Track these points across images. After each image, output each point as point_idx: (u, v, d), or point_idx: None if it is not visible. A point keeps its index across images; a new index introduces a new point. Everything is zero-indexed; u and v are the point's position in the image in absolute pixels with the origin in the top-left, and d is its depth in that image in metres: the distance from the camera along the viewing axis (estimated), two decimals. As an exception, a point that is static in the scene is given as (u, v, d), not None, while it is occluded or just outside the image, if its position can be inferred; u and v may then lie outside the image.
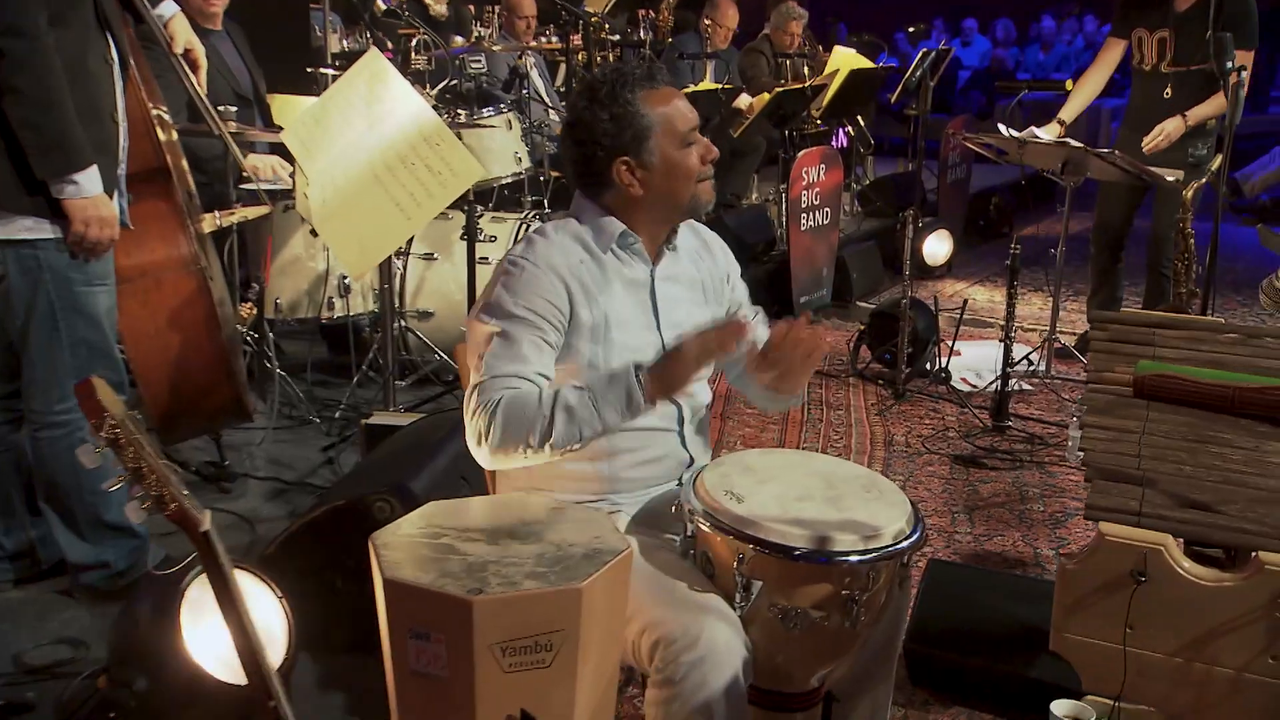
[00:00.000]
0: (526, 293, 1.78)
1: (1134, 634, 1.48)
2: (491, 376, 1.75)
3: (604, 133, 1.81)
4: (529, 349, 1.76)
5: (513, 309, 1.77)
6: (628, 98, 1.80)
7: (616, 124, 1.80)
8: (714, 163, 1.89)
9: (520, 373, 1.75)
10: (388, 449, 2.77)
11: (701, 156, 1.85)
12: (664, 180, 1.83)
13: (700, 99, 5.44)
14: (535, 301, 1.78)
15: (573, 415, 1.70)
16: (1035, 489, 3.54)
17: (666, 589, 1.70)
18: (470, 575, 1.47)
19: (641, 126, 1.80)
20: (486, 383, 1.75)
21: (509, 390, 1.73)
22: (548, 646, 1.46)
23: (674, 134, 1.82)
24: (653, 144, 1.81)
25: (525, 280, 1.79)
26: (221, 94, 3.57)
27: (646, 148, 1.81)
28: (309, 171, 2.87)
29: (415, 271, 4.17)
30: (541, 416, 1.70)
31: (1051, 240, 4.52)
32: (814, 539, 1.64)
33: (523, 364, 1.75)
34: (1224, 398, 1.75)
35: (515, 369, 1.75)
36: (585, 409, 1.70)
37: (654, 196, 1.85)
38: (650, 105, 1.81)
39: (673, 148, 1.82)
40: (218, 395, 2.63)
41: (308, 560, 2.29)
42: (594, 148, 1.82)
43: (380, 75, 2.88)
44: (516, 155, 4.50)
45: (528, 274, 1.80)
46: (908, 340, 4.38)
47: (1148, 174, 4.04)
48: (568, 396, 1.71)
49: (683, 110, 1.84)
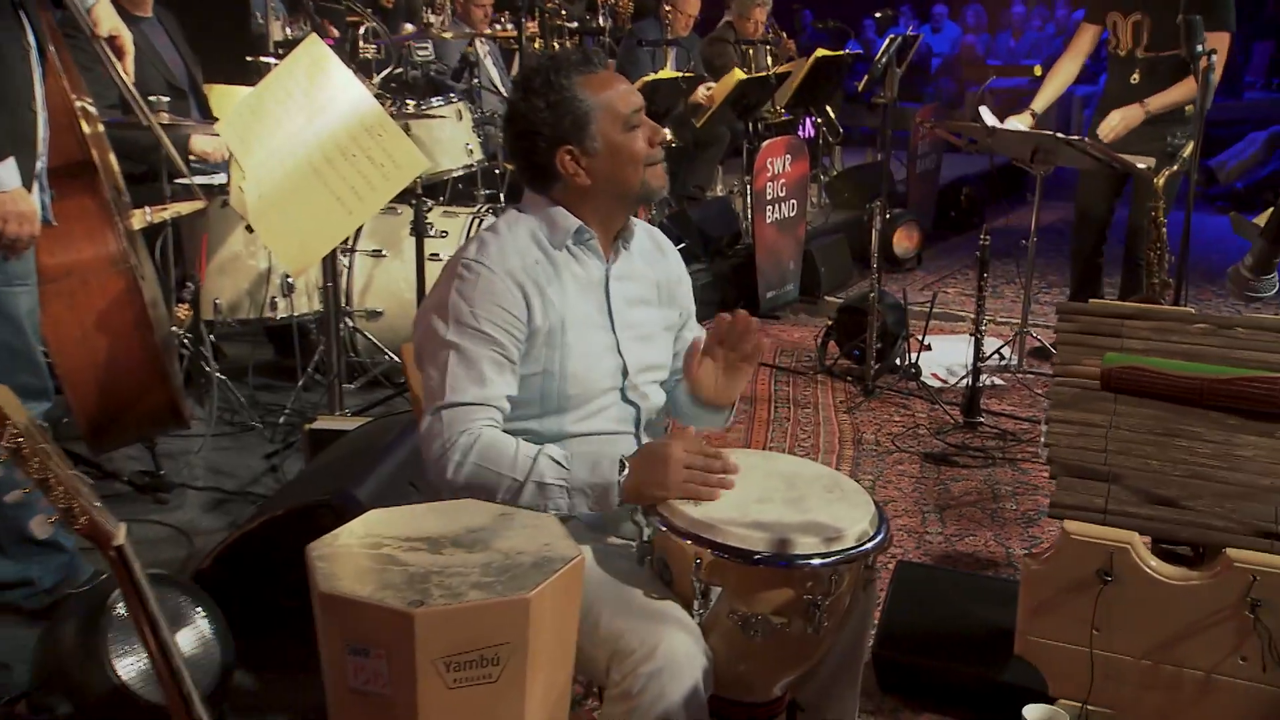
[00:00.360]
0: (484, 302, 1.77)
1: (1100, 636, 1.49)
2: (456, 403, 1.74)
3: (543, 122, 1.79)
4: (490, 369, 1.75)
5: (471, 321, 1.76)
6: (563, 84, 1.79)
7: (554, 112, 1.79)
8: (664, 145, 1.88)
9: (484, 398, 1.75)
10: (332, 455, 2.74)
11: (649, 139, 1.84)
12: (610, 166, 1.82)
13: (661, 88, 5.44)
14: (494, 312, 1.77)
15: (544, 491, 1.71)
16: (1008, 487, 3.57)
17: (622, 597, 1.69)
18: (412, 586, 1.44)
19: (580, 112, 1.79)
20: (455, 410, 1.74)
21: (485, 429, 1.73)
22: (494, 660, 1.44)
23: (616, 117, 1.81)
24: (594, 130, 1.80)
25: (482, 288, 1.78)
26: (153, 84, 3.52)
27: (588, 134, 1.80)
28: (245, 165, 2.83)
29: (363, 269, 4.13)
30: (513, 479, 1.71)
31: (1023, 231, 4.56)
32: (774, 542, 1.63)
33: (485, 386, 1.75)
34: (1193, 390, 1.77)
35: (478, 393, 1.74)
36: (558, 490, 1.72)
37: (602, 185, 1.84)
38: (588, 90, 1.80)
39: (616, 132, 1.81)
40: (150, 401, 2.59)
41: (246, 574, 2.25)
42: (534, 139, 1.81)
43: (320, 63, 2.84)
44: (468, 147, 4.47)
45: (484, 281, 1.78)
46: (877, 335, 4.40)
47: (1119, 162, 4.08)
48: (545, 471, 1.72)
49: (624, 93, 1.83)
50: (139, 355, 2.51)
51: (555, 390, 1.82)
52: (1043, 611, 1.51)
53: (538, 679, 1.49)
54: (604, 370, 1.85)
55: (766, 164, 5.54)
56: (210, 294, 3.81)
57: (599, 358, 1.86)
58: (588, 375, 1.83)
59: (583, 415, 1.86)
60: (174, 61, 3.84)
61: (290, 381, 3.96)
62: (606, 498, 1.71)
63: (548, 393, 1.82)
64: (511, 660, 1.44)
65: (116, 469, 3.28)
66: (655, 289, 1.99)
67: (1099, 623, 1.48)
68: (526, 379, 1.82)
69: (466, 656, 1.42)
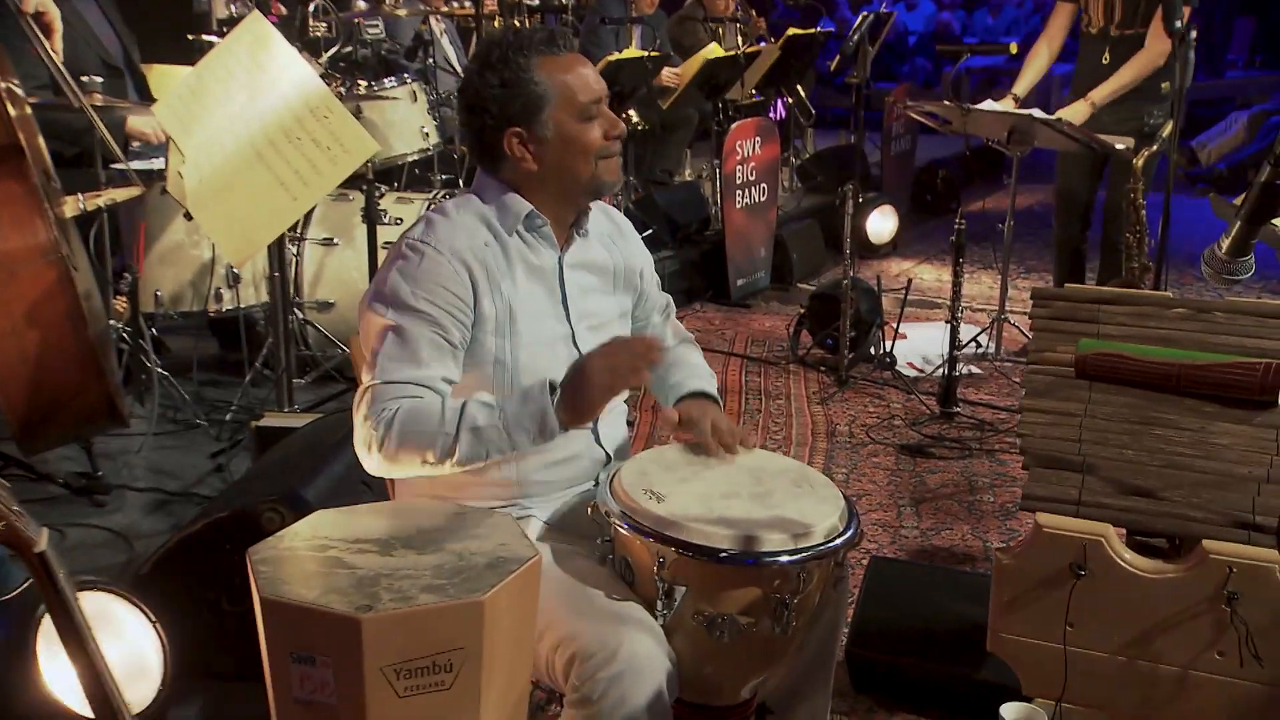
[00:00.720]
0: (426, 282, 1.74)
1: (1074, 632, 1.50)
2: (386, 381, 1.71)
3: (493, 99, 1.78)
4: (428, 349, 1.73)
5: (410, 301, 1.73)
6: (521, 63, 1.77)
7: (507, 91, 1.77)
8: (624, 136, 1.87)
9: (419, 378, 1.71)
10: (280, 453, 2.72)
11: (605, 132, 1.82)
12: (559, 155, 1.80)
13: (625, 68, 5.42)
14: (436, 292, 1.74)
15: (480, 436, 1.68)
16: (985, 479, 3.60)
17: (582, 599, 1.68)
18: (359, 590, 1.43)
19: (534, 95, 1.77)
20: (380, 388, 1.71)
21: (407, 400, 1.70)
22: (447, 667, 1.43)
23: (573, 105, 1.79)
24: (547, 116, 1.78)
25: (425, 268, 1.75)
26: (87, 63, 3.46)
27: (540, 119, 1.78)
28: (184, 149, 2.78)
29: (313, 258, 4.09)
30: (444, 434, 1.67)
31: (1001, 214, 4.58)
32: (740, 539, 1.64)
33: (420, 367, 1.72)
34: (1169, 376, 1.78)
35: (412, 373, 1.71)
36: (494, 430, 1.68)
37: (550, 173, 1.82)
38: (548, 73, 1.78)
39: (571, 120, 1.79)
40: (86, 399, 2.54)
41: (188, 579, 2.23)
42: (484, 116, 1.79)
43: (263, 41, 2.80)
44: (423, 130, 4.43)
45: (428, 260, 1.76)
46: (850, 324, 4.42)
47: (1097, 143, 4.11)
48: (475, 415, 1.68)
49: (586, 80, 1.81)
50: (72, 351, 2.46)
51: (509, 382, 1.80)
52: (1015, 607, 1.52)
53: (494, 686, 1.48)
54: (558, 361, 1.84)
55: (736, 147, 5.54)
56: (150, 285, 3.76)
57: (552, 348, 1.84)
58: (541, 365, 1.81)
59: None
60: (109, 39, 3.78)
61: (237, 377, 3.92)
62: (545, 423, 1.67)
63: (501, 384, 1.80)
64: (466, 667, 1.44)
65: (51, 471, 3.23)
66: (611, 275, 1.98)
67: (1073, 618, 1.49)
68: (479, 369, 1.80)
69: (418, 663, 1.41)
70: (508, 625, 1.50)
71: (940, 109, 4.32)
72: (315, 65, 3.69)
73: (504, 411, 1.69)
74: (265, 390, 3.83)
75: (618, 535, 1.72)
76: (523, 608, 1.55)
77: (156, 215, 3.73)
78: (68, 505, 3.15)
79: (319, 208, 4.08)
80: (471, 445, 1.67)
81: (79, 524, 3.04)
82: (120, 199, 2.99)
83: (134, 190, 3.00)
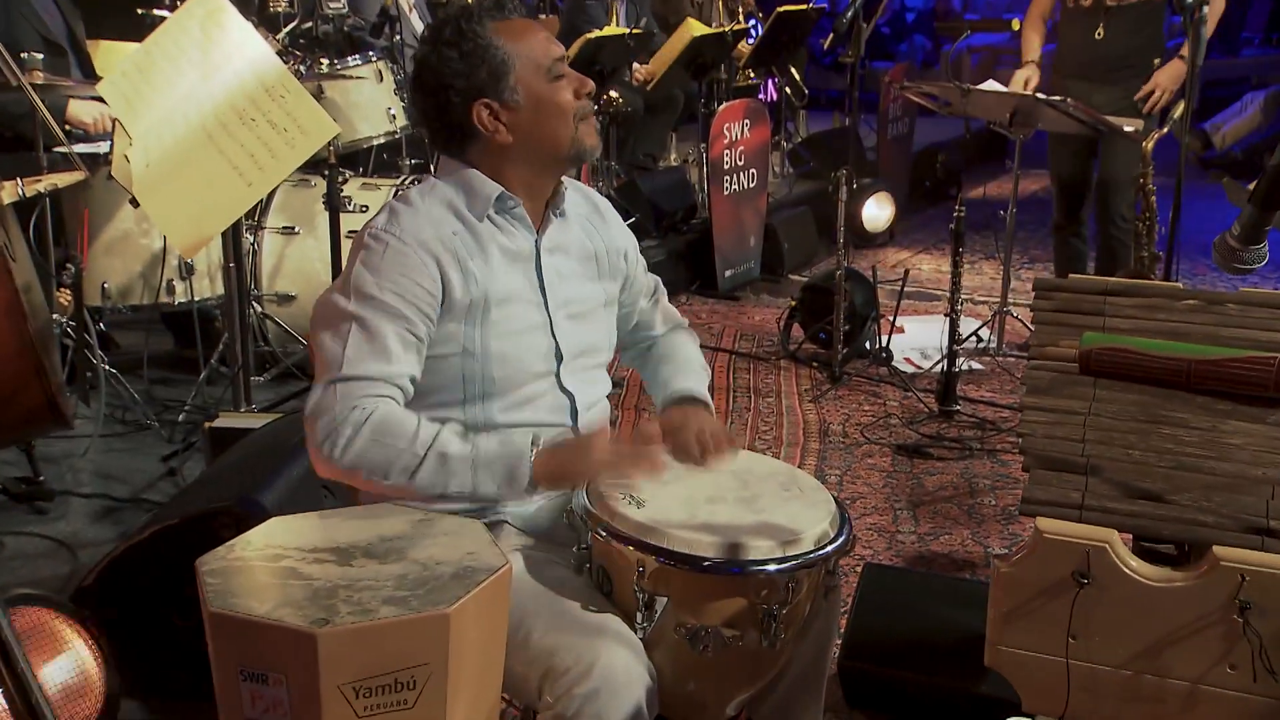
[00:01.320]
0: (391, 273, 1.74)
1: (1077, 644, 1.50)
2: (356, 376, 1.70)
3: (455, 74, 1.77)
4: (395, 343, 1.72)
5: (375, 293, 1.73)
6: (477, 30, 1.77)
7: (468, 61, 1.77)
8: (591, 96, 1.87)
9: (387, 375, 1.71)
10: (236, 456, 2.70)
11: (577, 90, 1.83)
12: (535, 120, 1.80)
13: (605, 46, 5.41)
14: (402, 284, 1.74)
15: (446, 464, 1.68)
16: (986, 480, 3.61)
17: (555, 610, 1.68)
18: (315, 603, 1.42)
19: (497, 61, 1.77)
20: (351, 384, 1.70)
21: (383, 403, 1.70)
22: (410, 684, 1.42)
23: (537, 67, 1.80)
24: (514, 80, 1.78)
25: (390, 258, 1.75)
26: (25, 39, 3.44)
27: (507, 85, 1.78)
28: (132, 131, 2.76)
29: (273, 248, 4.07)
30: (413, 454, 1.67)
31: (1002, 201, 4.59)
32: (725, 546, 1.63)
33: (389, 362, 1.72)
34: (1178, 372, 1.77)
35: (381, 369, 1.71)
36: (461, 466, 1.68)
37: (527, 142, 1.82)
38: (504, 37, 1.79)
39: (539, 82, 1.80)
40: (25, 399, 2.52)
41: (135, 592, 2.21)
42: (447, 93, 1.79)
43: (215, 16, 2.79)
44: (389, 112, 4.42)
45: (392, 250, 1.76)
46: (844, 317, 4.42)
47: (1104, 124, 4.13)
48: (447, 444, 1.69)
49: (543, 40, 1.82)
50: (10, 347, 2.44)
51: (478, 373, 1.79)
52: (1015, 618, 1.51)
53: (460, 704, 1.48)
54: (535, 352, 1.83)
55: (723, 130, 5.54)
56: (97, 277, 3.74)
57: (529, 336, 1.84)
58: (515, 355, 1.81)
59: (511, 403, 1.83)
60: (50, 13, 3.75)
61: (191, 374, 3.90)
62: (516, 473, 1.68)
63: (470, 375, 1.79)
64: (430, 684, 1.43)
65: (-11, 475, 3.21)
66: (594, 260, 1.97)
67: (1076, 630, 1.49)
68: (442, 360, 1.79)
69: (379, 680, 1.40)
70: (475, 639, 1.49)
71: (939, 90, 4.33)
72: (273, 42, 3.67)
73: (477, 447, 1.69)
74: (221, 389, 3.81)
75: (595, 542, 1.71)
76: (492, 620, 1.54)
77: (102, 202, 3.71)
78: (6, 512, 3.13)
79: (279, 194, 4.06)
80: (435, 471, 1.68)
81: (18, 532, 3.02)
82: (63, 184, 2.97)
83: (77, 175, 2.98)
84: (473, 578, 1.49)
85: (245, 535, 1.60)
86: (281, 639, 1.37)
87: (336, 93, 4.30)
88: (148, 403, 3.75)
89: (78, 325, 3.54)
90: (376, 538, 1.60)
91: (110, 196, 3.70)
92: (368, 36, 4.95)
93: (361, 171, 4.71)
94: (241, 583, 1.47)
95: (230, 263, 3.32)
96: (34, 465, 3.21)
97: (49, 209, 3.41)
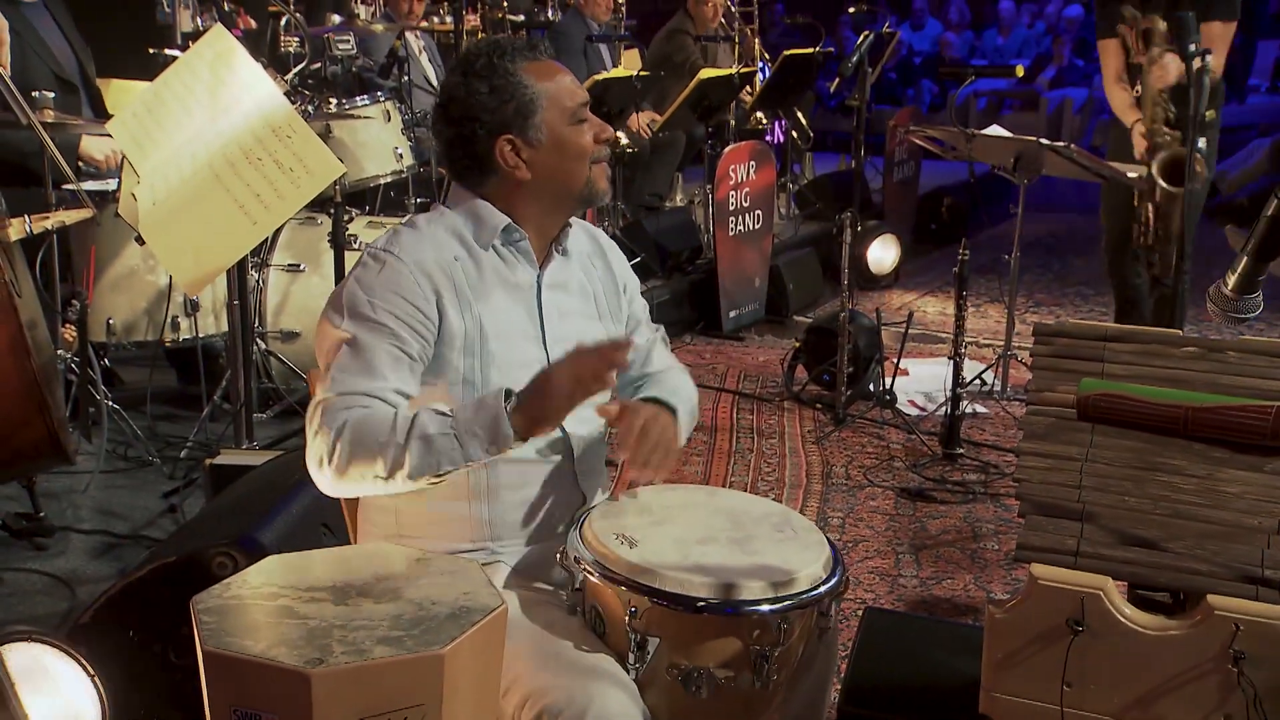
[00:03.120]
0: (384, 291, 1.77)
1: (1072, 692, 1.50)
2: (339, 393, 1.73)
3: (483, 107, 1.81)
4: (384, 360, 1.74)
5: (367, 311, 1.76)
6: (508, 68, 1.82)
7: (497, 97, 1.81)
8: (614, 146, 1.90)
9: (372, 390, 1.73)
10: (235, 493, 2.71)
11: (596, 135, 1.87)
12: (554, 160, 1.84)
13: (612, 87, 5.47)
14: (394, 302, 1.76)
15: (430, 445, 1.68)
16: (989, 525, 3.60)
17: (549, 651, 1.68)
18: (310, 643, 1.42)
19: (525, 99, 1.82)
20: (333, 400, 1.72)
21: (360, 410, 1.71)
22: (404, 725, 1.42)
23: (563, 109, 1.84)
24: (539, 120, 1.83)
25: (385, 277, 1.78)
26: (39, 77, 3.48)
27: (533, 124, 1.82)
28: (140, 169, 2.80)
29: (277, 285, 4.10)
30: (394, 444, 1.67)
31: (1007, 245, 4.62)
32: (717, 587, 1.64)
33: (375, 379, 1.73)
34: (1176, 419, 1.78)
35: (366, 385, 1.73)
36: (445, 440, 1.68)
37: (543, 180, 1.85)
38: (535, 77, 1.83)
39: (563, 124, 1.84)
40: (27, 434, 2.53)
41: (131, 629, 2.21)
42: (472, 125, 1.82)
43: (225, 57, 2.83)
44: (396, 151, 4.47)
45: (389, 270, 1.79)
46: (848, 359, 4.43)
47: (1107, 170, 4.15)
48: (426, 423, 1.69)
49: (569, 84, 1.87)
50: (14, 383, 2.45)
51: None
52: (1009, 665, 1.52)
53: (452, 744, 1.47)
54: None
55: (729, 171, 5.58)
56: (102, 313, 3.77)
57: (527, 370, 1.84)
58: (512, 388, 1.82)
59: None
60: (62, 51, 3.80)
61: (195, 411, 3.91)
62: (499, 430, 1.67)
63: None
64: (422, 724, 1.43)
65: (-10, 511, 3.22)
66: (594, 300, 1.99)
67: (1070, 677, 1.49)
68: (446, 389, 1.81)
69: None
70: (470, 680, 1.49)
71: (944, 134, 4.36)
72: (281, 82, 3.72)
73: (455, 418, 1.70)
74: (224, 425, 3.82)
75: (588, 583, 1.71)
76: (486, 661, 1.55)
77: (109, 239, 3.75)
78: (6, 548, 3.13)
79: (285, 231, 4.10)
80: (422, 455, 1.68)
81: (17, 569, 3.03)
82: (70, 221, 3.01)
83: (85, 213, 3.02)
84: (468, 618, 1.49)
85: (242, 573, 1.60)
86: (276, 679, 1.38)
87: (344, 132, 4.35)
88: (150, 439, 3.76)
89: (82, 361, 3.56)
90: (372, 577, 1.60)
91: (117, 234, 3.74)
92: (376, 77, 5.01)
93: (368, 210, 4.75)
94: (236, 621, 1.47)
95: (234, 300, 3.35)
96: (35, 501, 3.22)
97: (55, 245, 3.45)
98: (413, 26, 5.59)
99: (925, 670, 2.52)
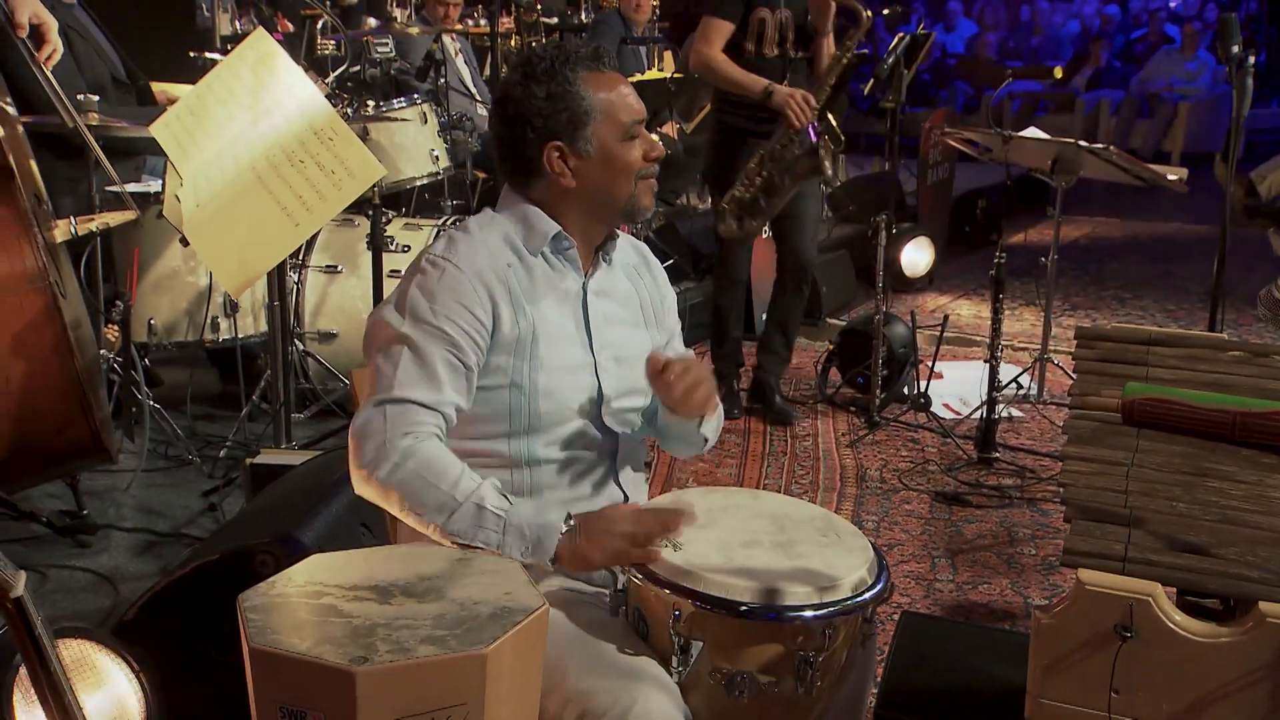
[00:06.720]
0: (445, 299, 1.78)
1: (1120, 699, 1.48)
2: (405, 399, 1.74)
3: (537, 112, 1.82)
4: (443, 369, 1.76)
5: (429, 317, 1.78)
6: (568, 76, 1.82)
7: (553, 103, 1.81)
8: (658, 160, 1.90)
9: (435, 402, 1.75)
10: (275, 493, 2.72)
11: (645, 153, 1.87)
12: (600, 173, 1.85)
13: (646, 89, 5.45)
14: (455, 310, 1.78)
15: (480, 517, 1.70)
16: (1026, 530, 3.57)
17: (592, 652, 1.68)
18: (355, 641, 1.43)
19: (580, 110, 1.82)
20: (401, 407, 1.74)
21: (431, 436, 1.73)
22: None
23: (616, 124, 1.84)
24: (591, 131, 1.83)
25: (446, 284, 1.80)
26: (103, 80, 3.52)
27: (584, 134, 1.83)
28: (183, 171, 2.82)
29: (316, 287, 4.13)
30: (452, 498, 1.69)
31: (1043, 248, 4.58)
32: (761, 592, 1.63)
33: (436, 389, 1.76)
34: (1224, 424, 1.75)
35: (426, 395, 1.75)
36: (495, 522, 1.70)
37: (588, 191, 1.86)
38: (593, 89, 1.83)
39: (614, 138, 1.84)
40: (71, 434, 2.56)
41: (175, 627, 2.23)
42: (524, 128, 1.83)
43: (267, 60, 2.85)
44: (433, 153, 4.48)
45: (449, 277, 1.80)
46: (882, 362, 4.41)
47: (1146, 172, 4.12)
48: (485, 495, 1.71)
49: (628, 99, 1.87)
50: (58, 382, 2.49)
51: (526, 407, 1.83)
52: (1055, 671, 1.49)
53: (495, 745, 1.47)
54: (578, 389, 1.86)
55: (762, 173, 5.55)
56: (144, 314, 3.80)
57: (573, 374, 1.87)
58: (560, 392, 1.84)
59: (554, 439, 1.87)
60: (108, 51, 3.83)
61: (234, 411, 3.94)
62: (543, 544, 1.69)
63: (517, 409, 1.83)
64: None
65: (34, 509, 3.25)
66: (639, 308, 2.01)
67: (1118, 684, 1.47)
68: (492, 392, 1.82)
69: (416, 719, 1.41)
70: (512, 680, 1.49)
71: (980, 136, 4.34)
72: (321, 85, 3.74)
73: (514, 509, 1.71)
74: (263, 425, 3.85)
75: (631, 585, 1.71)
76: (528, 661, 1.55)
77: (152, 240, 3.78)
78: (51, 546, 3.16)
79: (323, 233, 4.12)
80: (469, 520, 1.69)
81: (62, 566, 3.06)
82: (114, 223, 3.03)
83: (129, 214, 3.04)
84: (510, 618, 1.49)
85: (287, 571, 1.61)
86: (320, 676, 1.38)
87: (381, 134, 4.37)
88: (190, 438, 3.79)
89: (124, 361, 3.60)
90: (415, 576, 1.61)
91: (160, 235, 3.77)
92: (413, 80, 5.04)
93: (404, 211, 4.77)
94: (282, 619, 1.48)
95: (274, 301, 3.37)
96: (78, 499, 3.26)
97: (99, 246, 3.48)
98: (449, 29, 5.61)
99: (962, 675, 2.50)
